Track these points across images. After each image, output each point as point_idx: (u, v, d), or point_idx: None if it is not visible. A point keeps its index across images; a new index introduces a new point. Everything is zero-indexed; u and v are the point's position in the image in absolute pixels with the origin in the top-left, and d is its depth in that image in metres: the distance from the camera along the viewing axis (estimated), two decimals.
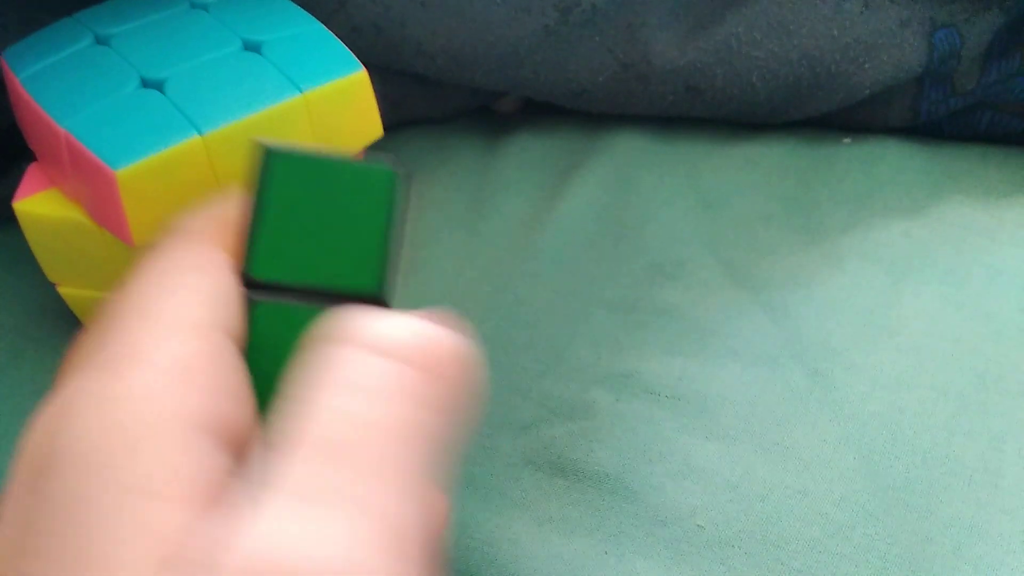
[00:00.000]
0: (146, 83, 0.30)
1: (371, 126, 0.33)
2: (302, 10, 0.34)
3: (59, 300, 0.32)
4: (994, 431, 0.29)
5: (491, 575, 0.28)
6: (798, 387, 0.31)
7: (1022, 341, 0.31)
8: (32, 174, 0.32)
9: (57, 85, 0.30)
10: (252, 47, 0.32)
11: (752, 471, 0.29)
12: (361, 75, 0.32)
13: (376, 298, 0.22)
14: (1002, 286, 0.33)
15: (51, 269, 0.32)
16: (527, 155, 0.41)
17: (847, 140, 0.40)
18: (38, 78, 0.31)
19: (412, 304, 0.36)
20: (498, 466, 0.31)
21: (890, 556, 0.27)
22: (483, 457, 0.31)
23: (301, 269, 0.21)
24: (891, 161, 0.38)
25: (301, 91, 0.30)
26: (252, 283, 0.21)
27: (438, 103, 0.43)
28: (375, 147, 0.34)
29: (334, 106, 0.31)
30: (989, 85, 0.38)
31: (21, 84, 0.30)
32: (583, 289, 0.36)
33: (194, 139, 0.28)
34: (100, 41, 0.32)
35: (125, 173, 0.27)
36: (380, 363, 0.17)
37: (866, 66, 0.38)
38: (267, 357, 0.20)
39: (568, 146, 0.42)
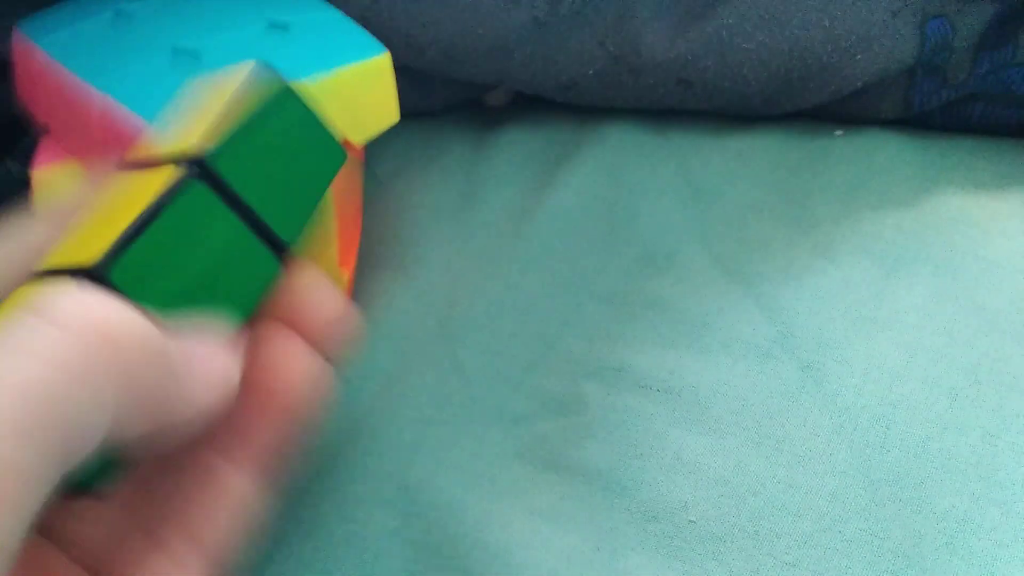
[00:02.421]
0: (179, 52, 0.30)
1: (390, 110, 0.34)
2: None
3: None
4: (987, 425, 0.29)
5: (483, 559, 0.28)
6: (790, 380, 0.31)
7: (1015, 334, 0.31)
8: (47, 146, 0.31)
9: (85, 51, 0.30)
10: (279, 27, 0.32)
11: (744, 465, 0.29)
12: (385, 58, 0.32)
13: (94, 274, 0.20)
14: (995, 279, 0.33)
15: None
16: (517, 148, 0.41)
17: (839, 132, 0.40)
18: (63, 44, 0.30)
19: (403, 296, 0.36)
20: (487, 455, 0.31)
21: (883, 550, 0.27)
22: (472, 445, 0.31)
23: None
24: (883, 153, 0.38)
25: (330, 70, 0.30)
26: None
27: (427, 96, 0.43)
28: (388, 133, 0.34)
29: (359, 88, 0.31)
30: (981, 76, 0.38)
31: (43, 50, 0.30)
32: (574, 281, 0.36)
33: None
34: (121, 16, 0.32)
35: None
36: (29, 321, 0.17)
37: (858, 57, 0.37)
38: None
39: (558, 138, 0.41)
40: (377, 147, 0.42)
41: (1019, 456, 0.29)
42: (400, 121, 0.44)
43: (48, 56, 0.30)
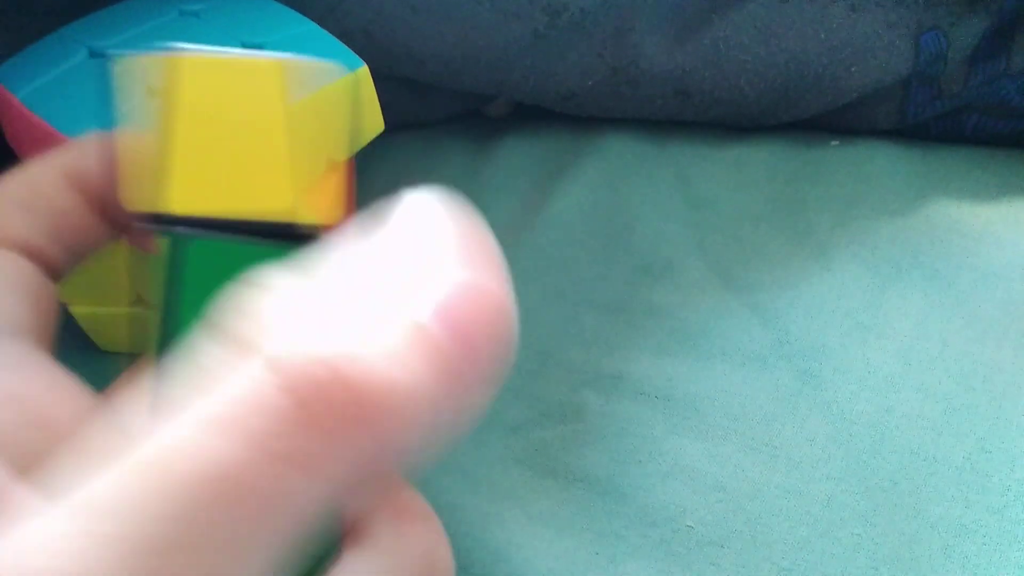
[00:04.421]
0: (154, 93, 0.30)
1: (374, 120, 0.34)
2: (293, 11, 0.34)
3: (70, 320, 0.32)
4: (981, 431, 0.30)
5: (483, 562, 0.28)
6: (787, 387, 0.31)
7: (1008, 342, 0.32)
8: None
9: (62, 101, 0.30)
10: (253, 49, 0.32)
11: (741, 471, 0.30)
12: (364, 71, 0.32)
13: (293, 226, 0.18)
14: (988, 287, 0.33)
15: (62, 288, 0.32)
16: (517, 158, 0.42)
17: (835, 142, 0.40)
18: (39, 95, 0.30)
19: None
20: (488, 461, 0.31)
21: (878, 556, 0.27)
22: (473, 451, 0.31)
23: (218, 197, 0.17)
24: (878, 163, 0.39)
25: (310, 90, 0.31)
26: (162, 219, 0.17)
27: (428, 107, 0.44)
28: (375, 142, 0.35)
29: (341, 103, 0.32)
30: (975, 87, 0.38)
31: (22, 102, 0.30)
32: (572, 289, 0.36)
33: None
34: (95, 54, 0.32)
35: None
36: (269, 397, 0.13)
37: (853, 69, 0.38)
38: (190, 303, 0.17)
39: (558, 149, 0.42)
40: (376, 157, 0.43)
41: (1013, 462, 0.29)
42: (400, 131, 0.44)
43: (27, 109, 0.30)
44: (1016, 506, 0.28)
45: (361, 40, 0.39)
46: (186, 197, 0.18)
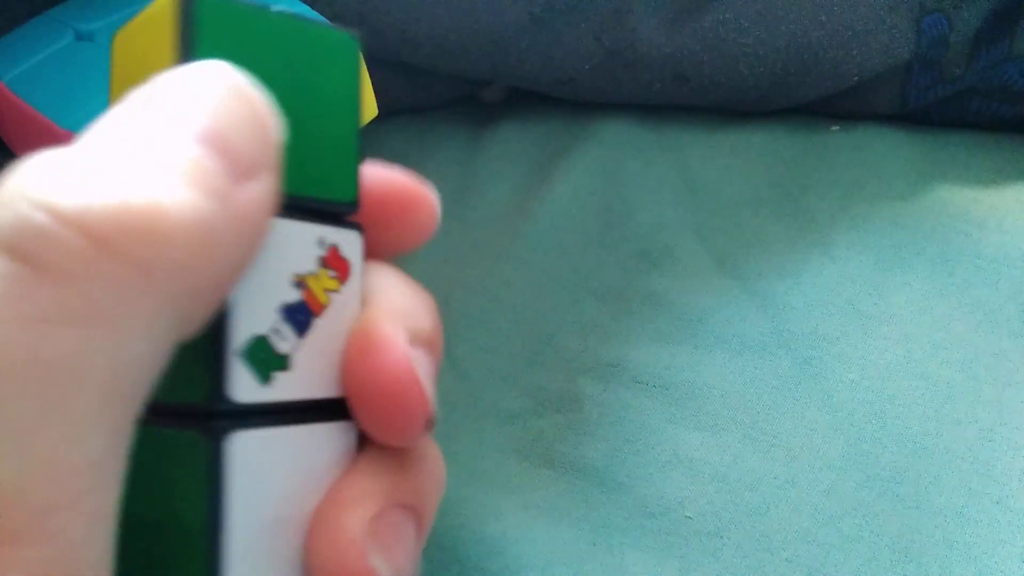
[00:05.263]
0: None
1: (367, 105, 0.33)
2: None
3: None
4: (983, 420, 0.29)
5: (480, 552, 0.28)
6: (786, 376, 0.31)
7: (1011, 330, 0.31)
8: None
9: (48, 85, 0.30)
10: None
11: (740, 461, 0.29)
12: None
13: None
14: (991, 274, 0.33)
15: None
16: (513, 144, 0.41)
17: (835, 127, 0.40)
18: (25, 79, 0.30)
19: None
20: (484, 451, 0.31)
21: (880, 546, 0.27)
22: (469, 441, 0.31)
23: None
24: (879, 148, 0.38)
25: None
26: None
27: (423, 92, 0.43)
28: (368, 128, 0.34)
29: None
30: (978, 71, 0.38)
31: (7, 86, 0.30)
32: (570, 277, 0.35)
33: None
34: (82, 37, 0.31)
35: None
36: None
37: (854, 52, 0.37)
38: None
39: (555, 134, 0.41)
40: (371, 143, 0.42)
41: (1016, 451, 0.28)
42: (395, 116, 0.44)
43: (13, 94, 0.30)
44: (1019, 496, 0.28)
45: (354, 23, 0.38)
46: None
